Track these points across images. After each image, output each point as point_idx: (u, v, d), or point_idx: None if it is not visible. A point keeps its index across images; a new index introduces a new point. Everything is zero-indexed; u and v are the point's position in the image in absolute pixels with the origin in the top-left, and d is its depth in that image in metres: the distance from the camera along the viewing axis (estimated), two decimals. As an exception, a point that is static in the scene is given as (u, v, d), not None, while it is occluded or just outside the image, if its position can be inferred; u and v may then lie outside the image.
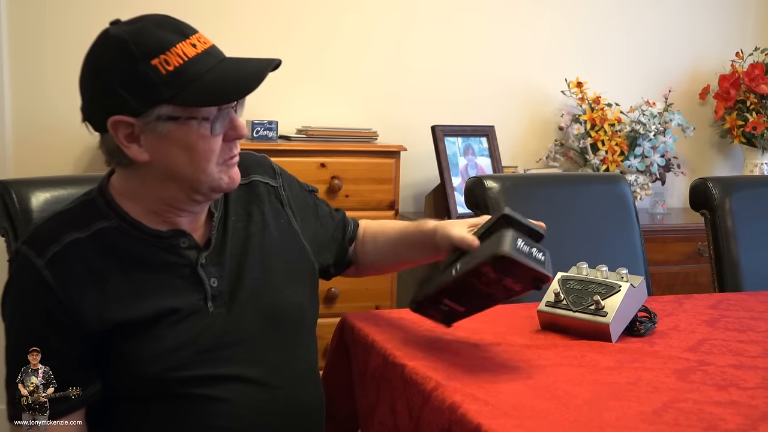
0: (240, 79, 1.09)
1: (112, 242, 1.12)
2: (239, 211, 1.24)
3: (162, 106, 1.06)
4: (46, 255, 1.09)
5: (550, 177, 2.26)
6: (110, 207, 1.14)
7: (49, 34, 2.56)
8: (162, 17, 1.10)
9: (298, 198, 1.35)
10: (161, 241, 1.15)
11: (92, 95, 1.11)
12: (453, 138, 2.79)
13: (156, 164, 1.10)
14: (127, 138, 1.08)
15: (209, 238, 1.19)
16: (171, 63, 1.05)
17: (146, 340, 1.11)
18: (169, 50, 1.05)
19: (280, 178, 1.32)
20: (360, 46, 2.89)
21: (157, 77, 1.04)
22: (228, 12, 2.69)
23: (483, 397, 1.02)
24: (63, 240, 1.10)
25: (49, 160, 2.57)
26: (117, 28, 1.09)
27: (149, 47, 1.05)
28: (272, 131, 2.58)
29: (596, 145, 2.96)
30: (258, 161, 1.32)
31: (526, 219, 1.19)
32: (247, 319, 1.18)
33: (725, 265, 1.92)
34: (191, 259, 1.16)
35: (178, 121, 1.07)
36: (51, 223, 1.14)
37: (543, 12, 3.10)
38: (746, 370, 1.17)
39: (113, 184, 1.17)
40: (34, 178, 1.40)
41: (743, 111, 3.14)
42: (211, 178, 1.11)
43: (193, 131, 1.08)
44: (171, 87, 1.05)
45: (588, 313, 1.31)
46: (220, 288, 1.17)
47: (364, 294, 2.53)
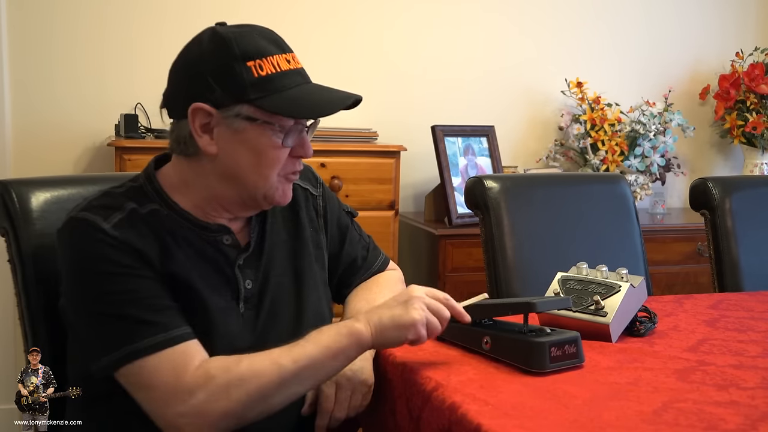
0: (322, 101, 1.14)
1: (164, 222, 1.14)
2: (276, 213, 1.27)
3: (244, 105, 1.10)
4: (111, 220, 1.09)
5: (550, 177, 2.26)
6: (159, 195, 1.16)
7: (49, 34, 2.56)
8: (267, 30, 1.17)
9: (334, 214, 1.37)
10: (207, 234, 1.17)
11: (182, 81, 1.15)
12: (453, 138, 2.79)
13: (222, 159, 1.13)
14: (202, 127, 1.12)
15: (249, 240, 1.21)
16: (264, 69, 1.11)
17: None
18: (265, 57, 1.11)
19: (320, 188, 1.36)
20: (360, 46, 2.89)
21: (249, 78, 1.10)
22: (228, 13, 2.69)
23: (483, 397, 1.02)
24: (125, 208, 1.12)
25: (50, 160, 2.57)
26: (224, 28, 1.15)
27: (249, 49, 1.11)
28: (272, 131, 2.57)
29: (596, 145, 2.96)
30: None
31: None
32: (272, 324, 1.20)
33: (725, 265, 1.92)
34: (231, 257, 1.18)
35: (256, 123, 1.11)
36: (106, 197, 1.15)
37: (543, 12, 3.10)
38: (746, 370, 1.17)
39: (164, 173, 1.19)
40: (34, 178, 1.40)
41: (743, 111, 3.14)
42: (268, 187, 1.15)
43: (266, 136, 1.12)
44: (258, 90, 1.10)
45: (588, 313, 1.31)
46: (253, 290, 1.19)
47: (364, 294, 2.52)
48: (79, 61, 2.60)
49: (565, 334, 1.16)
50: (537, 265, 1.76)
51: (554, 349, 1.12)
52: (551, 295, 1.30)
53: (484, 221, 1.80)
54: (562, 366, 1.14)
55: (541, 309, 1.20)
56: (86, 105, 2.61)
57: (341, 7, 2.85)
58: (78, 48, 2.59)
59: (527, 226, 1.81)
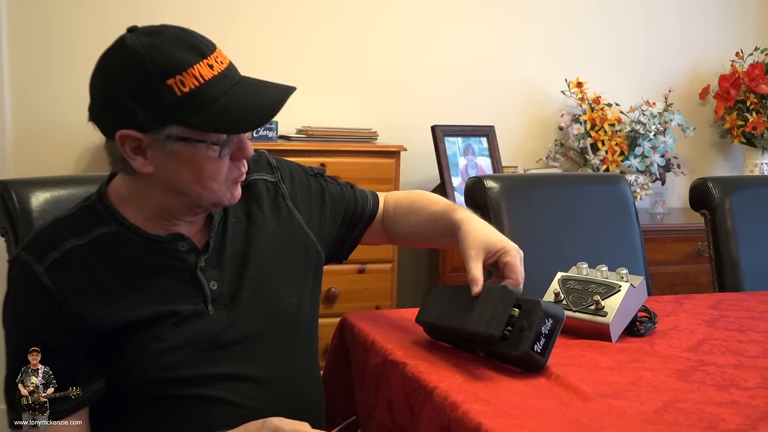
0: (255, 108, 1.07)
1: (112, 248, 1.12)
2: (238, 212, 1.24)
3: (173, 126, 1.05)
4: (45, 261, 1.09)
5: (550, 177, 2.26)
6: (109, 213, 1.14)
7: (49, 34, 2.56)
8: (181, 32, 1.07)
9: (302, 186, 1.34)
10: (160, 246, 1.14)
11: (102, 102, 1.09)
12: (453, 138, 2.79)
13: (160, 177, 1.09)
14: (133, 150, 1.07)
15: (208, 241, 1.19)
16: (186, 84, 1.03)
17: (146, 340, 1.11)
18: (185, 71, 1.03)
19: (277, 172, 1.31)
20: (360, 47, 2.89)
21: (171, 98, 1.02)
22: (228, 12, 2.69)
23: (484, 397, 1.02)
24: (63, 246, 1.10)
25: (49, 160, 2.57)
26: (134, 38, 1.05)
27: (166, 66, 1.02)
28: (272, 131, 2.58)
29: (596, 145, 2.96)
30: (255, 159, 1.31)
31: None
32: (247, 320, 1.18)
33: (725, 265, 1.92)
34: (190, 262, 1.16)
35: (188, 142, 1.06)
36: (50, 229, 1.14)
37: (543, 12, 3.10)
38: (746, 370, 1.17)
39: (114, 188, 1.17)
40: (34, 178, 1.40)
41: (743, 111, 3.14)
42: (214, 195, 1.12)
43: (201, 153, 1.07)
44: (183, 108, 1.03)
45: (588, 313, 1.31)
46: (220, 291, 1.17)
47: (364, 294, 2.53)
48: (79, 61, 2.60)
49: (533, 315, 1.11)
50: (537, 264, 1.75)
51: (537, 345, 1.11)
52: (497, 298, 1.18)
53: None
54: (554, 343, 1.12)
55: (499, 332, 1.11)
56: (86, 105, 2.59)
57: (340, 5, 2.85)
58: (78, 48, 2.58)
59: (527, 226, 1.80)
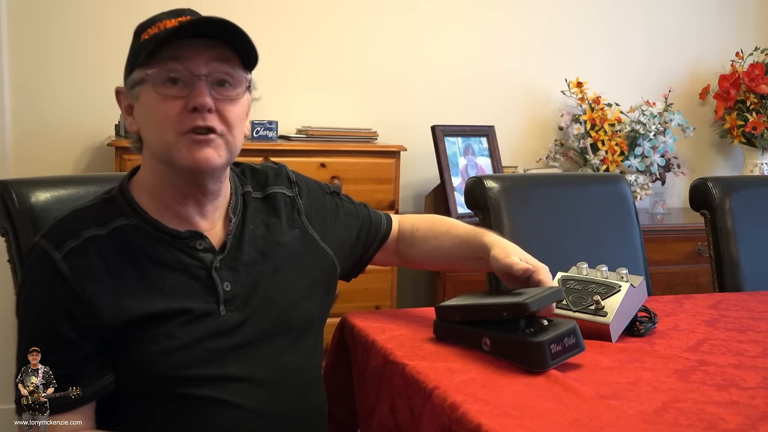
0: (175, 30, 1.08)
1: (130, 240, 1.13)
2: (257, 221, 1.25)
3: (135, 71, 1.12)
4: (63, 249, 1.10)
5: (550, 177, 2.26)
6: (130, 206, 1.16)
7: (49, 34, 2.56)
8: (185, 8, 1.17)
9: (317, 203, 1.35)
10: (178, 242, 1.16)
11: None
12: (453, 138, 2.79)
13: (144, 138, 1.15)
14: (126, 110, 1.17)
15: (225, 242, 1.20)
16: (149, 33, 1.12)
17: (157, 336, 1.11)
18: (154, 24, 1.12)
19: (296, 187, 1.33)
20: (360, 46, 2.89)
21: (135, 45, 1.14)
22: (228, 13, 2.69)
23: (484, 397, 1.02)
24: (81, 235, 1.11)
25: (49, 160, 2.57)
26: None
27: (144, 24, 1.14)
28: (272, 131, 2.57)
29: (596, 145, 2.96)
30: (275, 172, 1.33)
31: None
32: (257, 323, 1.18)
33: (725, 265, 1.92)
34: (206, 261, 1.17)
35: (142, 84, 1.12)
36: (70, 218, 1.15)
37: (543, 12, 3.10)
38: (746, 370, 1.17)
39: (136, 180, 1.19)
40: (34, 178, 1.40)
41: (743, 111, 3.14)
42: (171, 149, 1.10)
43: (149, 95, 1.11)
44: (139, 53, 1.11)
45: (588, 313, 1.31)
46: (234, 292, 1.17)
47: (364, 294, 2.53)
48: (79, 61, 2.60)
49: (563, 327, 1.15)
50: (537, 265, 1.76)
51: (554, 346, 1.12)
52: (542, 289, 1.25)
53: (484, 221, 1.80)
54: (564, 359, 1.14)
55: (535, 308, 1.15)
56: (86, 105, 2.61)
57: (341, 5, 2.85)
58: (78, 48, 2.59)
59: (527, 226, 1.81)
